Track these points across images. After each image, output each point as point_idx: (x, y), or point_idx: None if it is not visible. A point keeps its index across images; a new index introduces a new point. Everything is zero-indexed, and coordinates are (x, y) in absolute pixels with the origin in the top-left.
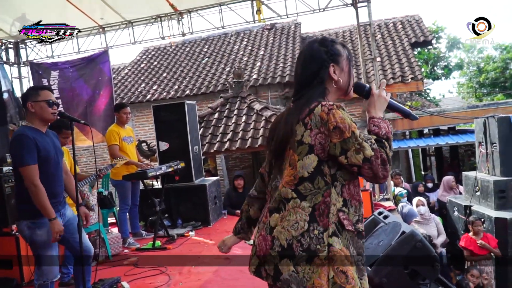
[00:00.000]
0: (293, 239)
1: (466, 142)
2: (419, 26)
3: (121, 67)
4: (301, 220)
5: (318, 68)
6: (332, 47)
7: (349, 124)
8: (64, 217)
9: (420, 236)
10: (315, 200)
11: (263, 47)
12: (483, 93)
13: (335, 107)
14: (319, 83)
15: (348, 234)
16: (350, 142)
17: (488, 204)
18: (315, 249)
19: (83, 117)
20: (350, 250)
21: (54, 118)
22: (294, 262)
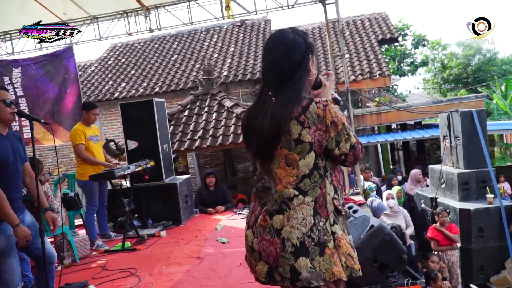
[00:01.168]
0: (304, 236)
1: (432, 136)
2: (386, 23)
3: (87, 64)
4: (308, 216)
5: (301, 59)
6: (307, 38)
7: (340, 117)
8: (23, 223)
9: (388, 230)
10: (315, 194)
11: (233, 44)
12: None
13: (329, 102)
14: (302, 76)
15: (342, 218)
16: (342, 133)
17: (453, 196)
18: (324, 240)
19: (51, 116)
20: (344, 232)
21: (13, 118)
22: (310, 258)
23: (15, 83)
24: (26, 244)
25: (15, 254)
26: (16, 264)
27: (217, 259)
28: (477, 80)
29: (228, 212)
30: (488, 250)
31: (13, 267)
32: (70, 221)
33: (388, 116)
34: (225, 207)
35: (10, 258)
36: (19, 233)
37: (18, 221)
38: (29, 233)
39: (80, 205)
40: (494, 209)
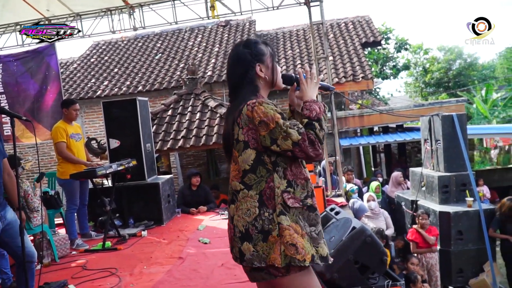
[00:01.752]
0: (248, 224)
1: (413, 139)
2: (369, 26)
3: (69, 62)
4: (252, 207)
5: (245, 69)
6: (255, 48)
7: (272, 116)
8: (4, 219)
9: (370, 231)
10: (260, 187)
11: (218, 44)
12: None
13: (257, 103)
14: (249, 83)
15: (297, 211)
16: (276, 131)
17: (433, 199)
18: (268, 228)
19: (30, 113)
20: (300, 224)
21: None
22: (253, 243)
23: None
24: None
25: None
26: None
27: (199, 259)
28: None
29: (211, 212)
30: (467, 253)
31: None
32: (50, 220)
33: (371, 118)
34: (208, 207)
35: None
36: None
37: None
38: None
39: (60, 203)
40: (474, 212)
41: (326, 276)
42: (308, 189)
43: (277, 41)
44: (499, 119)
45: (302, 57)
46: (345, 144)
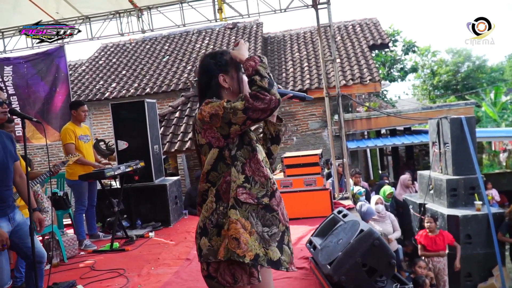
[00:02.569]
0: (206, 219)
1: (421, 142)
2: (376, 29)
3: (78, 64)
4: (210, 202)
5: (209, 79)
6: (220, 59)
7: (218, 105)
8: (14, 221)
9: (378, 234)
10: (218, 182)
11: (225, 46)
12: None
13: (204, 104)
14: (213, 92)
15: (251, 207)
16: (226, 114)
17: (441, 202)
18: (222, 223)
19: (41, 115)
20: (251, 221)
21: (4, 118)
22: (209, 238)
23: (6, 81)
24: (2, 248)
25: (5, 254)
26: (5, 263)
27: None
28: (466, 87)
29: None
30: (476, 257)
31: (3, 265)
32: (59, 220)
33: (378, 121)
34: None
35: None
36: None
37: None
38: (6, 237)
39: (69, 204)
40: (482, 216)
41: (334, 278)
42: (268, 188)
43: (284, 43)
44: (508, 122)
45: (309, 59)
46: (352, 146)
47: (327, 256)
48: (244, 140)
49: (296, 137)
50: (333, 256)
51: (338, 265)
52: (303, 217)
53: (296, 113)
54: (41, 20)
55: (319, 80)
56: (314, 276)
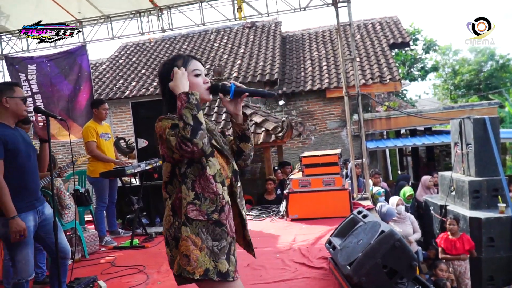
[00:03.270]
0: (166, 231)
1: (442, 142)
2: (397, 27)
3: (98, 63)
4: (168, 215)
5: (163, 86)
6: (170, 65)
7: (164, 128)
8: (42, 214)
9: (399, 235)
10: (173, 197)
11: (244, 45)
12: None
13: (157, 120)
14: (167, 99)
15: (201, 223)
16: (168, 141)
17: (463, 204)
18: (178, 237)
19: (65, 112)
20: (201, 237)
21: (26, 115)
22: (170, 249)
23: (30, 79)
24: (20, 238)
25: (31, 245)
26: (31, 255)
27: None
28: (489, 87)
29: None
30: (499, 260)
31: (29, 257)
32: (80, 216)
33: (398, 121)
34: None
35: (26, 248)
36: (13, 226)
37: (14, 214)
38: (24, 228)
39: (90, 201)
40: (506, 218)
41: (354, 279)
42: (218, 204)
43: (303, 42)
44: None
45: (328, 58)
46: (371, 146)
47: (346, 256)
48: (194, 158)
49: (314, 136)
50: (353, 257)
51: (358, 266)
52: (321, 217)
53: (314, 112)
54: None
55: (338, 79)
56: (333, 277)
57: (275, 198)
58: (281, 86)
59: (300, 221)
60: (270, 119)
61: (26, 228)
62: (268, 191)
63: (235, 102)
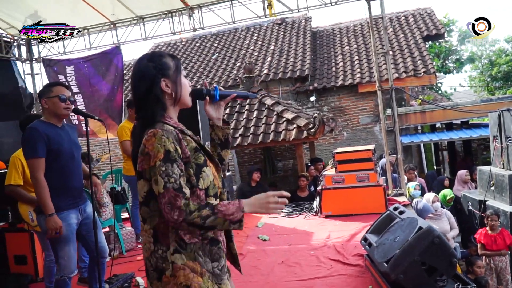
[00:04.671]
0: (146, 260)
1: (480, 136)
2: (431, 19)
3: (131, 63)
4: (147, 242)
5: (150, 84)
6: (160, 62)
7: (156, 153)
8: (84, 213)
9: (438, 232)
10: (153, 222)
11: (274, 42)
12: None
13: (152, 134)
14: (156, 99)
15: (196, 246)
16: (152, 171)
17: (503, 199)
18: (162, 267)
19: (105, 111)
20: (199, 261)
21: (67, 113)
22: (150, 281)
23: (70, 80)
24: (55, 235)
25: (73, 242)
26: (73, 252)
27: (259, 256)
28: None
29: None
30: None
31: (71, 254)
32: (117, 214)
33: (433, 115)
34: None
35: (68, 245)
36: (50, 223)
37: (52, 211)
38: (60, 226)
39: (126, 199)
40: None
41: (391, 276)
42: None
43: (333, 37)
44: None
45: (360, 52)
46: (405, 141)
47: (383, 253)
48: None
49: (347, 132)
50: (390, 254)
51: (396, 263)
52: (356, 213)
53: (346, 107)
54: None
55: (370, 73)
56: (369, 274)
57: (308, 194)
58: (312, 82)
59: (334, 217)
60: (302, 116)
61: (68, 226)
62: (301, 188)
63: (217, 106)
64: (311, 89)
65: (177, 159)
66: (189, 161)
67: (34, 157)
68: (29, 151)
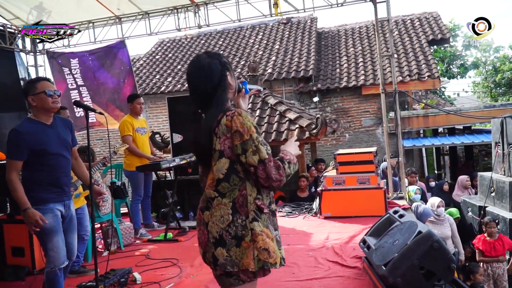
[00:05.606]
0: (222, 230)
1: (482, 142)
2: (436, 23)
3: (136, 58)
4: (225, 214)
5: (219, 78)
6: (221, 59)
7: (248, 128)
8: (68, 210)
9: (437, 237)
10: (233, 195)
11: (279, 42)
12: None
13: (237, 113)
14: (222, 92)
15: (266, 216)
16: (248, 143)
17: (503, 205)
18: (241, 234)
19: (112, 102)
20: (270, 229)
21: (56, 107)
22: (227, 249)
23: (74, 73)
24: (35, 229)
25: (61, 233)
26: (62, 243)
27: None
28: None
29: None
30: None
31: (59, 245)
32: (116, 209)
33: (436, 119)
34: None
35: (56, 236)
36: (26, 218)
37: (28, 205)
38: (37, 219)
39: (126, 194)
40: None
41: (389, 280)
42: (270, 196)
43: (339, 38)
44: None
45: (365, 54)
46: (407, 145)
47: (382, 256)
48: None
49: (349, 134)
50: (389, 257)
51: (394, 266)
52: (355, 215)
53: (349, 109)
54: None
55: (374, 76)
56: (367, 277)
57: (308, 195)
58: (315, 83)
59: (333, 219)
60: (304, 116)
61: (55, 217)
62: (301, 188)
63: (244, 98)
64: (314, 89)
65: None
66: None
67: (11, 159)
68: (8, 152)
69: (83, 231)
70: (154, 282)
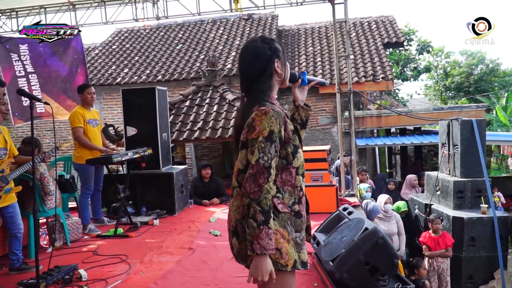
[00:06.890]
0: (237, 222)
1: (430, 142)
2: (392, 27)
3: (91, 47)
4: (241, 206)
5: (265, 64)
6: (273, 44)
7: (262, 129)
8: None
9: (382, 233)
10: None
11: (239, 37)
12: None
13: (264, 111)
14: (267, 79)
15: (285, 216)
16: (252, 142)
17: (447, 204)
18: None
19: (63, 92)
20: (287, 229)
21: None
22: (239, 241)
23: (24, 60)
24: None
25: None
26: None
27: (209, 251)
28: (478, 90)
29: (223, 205)
30: (479, 260)
31: None
32: (64, 203)
33: (388, 120)
34: (221, 200)
35: None
36: None
37: None
38: None
39: (75, 188)
40: (487, 219)
41: (336, 275)
42: (295, 196)
43: (298, 37)
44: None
45: (323, 54)
46: (361, 144)
47: (330, 252)
48: (281, 154)
49: (305, 131)
50: (336, 253)
51: (341, 262)
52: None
53: None
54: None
55: (332, 75)
56: (315, 272)
57: None
58: None
59: None
60: None
61: None
62: None
63: (302, 89)
64: None
65: (276, 141)
66: (289, 142)
67: None
68: None
69: (15, 229)
70: (100, 279)
